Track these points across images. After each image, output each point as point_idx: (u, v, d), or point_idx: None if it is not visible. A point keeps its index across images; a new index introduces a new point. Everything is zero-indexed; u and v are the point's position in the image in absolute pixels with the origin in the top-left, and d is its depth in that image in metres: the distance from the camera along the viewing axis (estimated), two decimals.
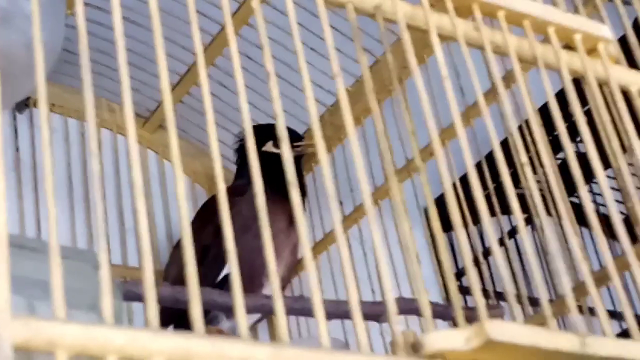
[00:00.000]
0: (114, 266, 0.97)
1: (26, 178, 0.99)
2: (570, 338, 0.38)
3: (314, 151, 1.02)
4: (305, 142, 1.04)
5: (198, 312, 0.32)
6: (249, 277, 0.89)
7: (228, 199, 0.37)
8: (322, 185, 0.98)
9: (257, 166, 0.39)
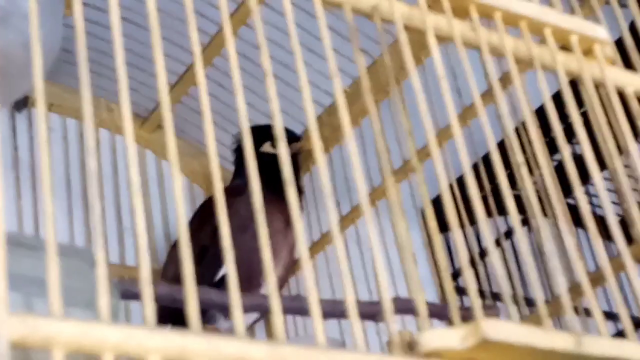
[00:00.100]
0: (112, 265, 0.97)
1: (24, 177, 0.98)
2: (565, 337, 0.39)
3: (310, 149, 1.02)
4: (302, 143, 1.04)
5: (194, 310, 0.32)
6: (247, 277, 0.89)
7: (226, 199, 0.37)
8: (320, 185, 0.98)
9: (255, 166, 0.39)
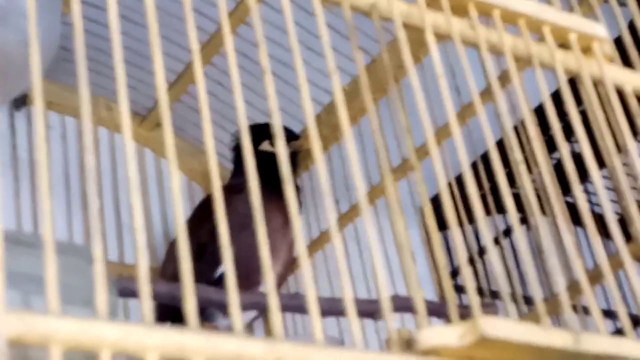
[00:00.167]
0: (111, 263, 0.97)
1: (23, 175, 0.98)
2: (563, 335, 0.39)
3: (309, 148, 1.02)
4: (301, 141, 1.04)
5: (192, 307, 0.32)
6: (246, 275, 0.89)
7: (225, 197, 0.37)
8: (318, 184, 0.98)
9: (253, 165, 0.39)
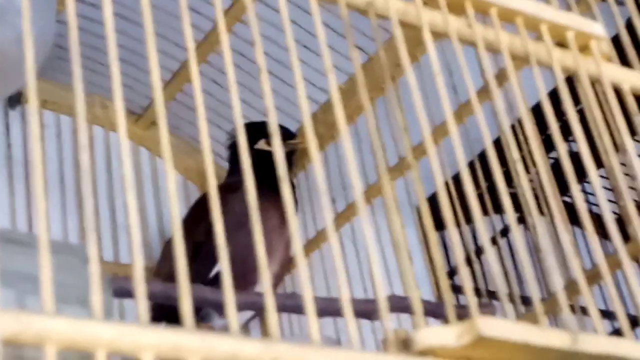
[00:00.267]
0: (106, 263, 0.96)
1: (18, 174, 0.98)
2: (561, 335, 0.38)
3: (305, 146, 1.02)
4: (297, 140, 1.04)
5: (188, 307, 0.32)
6: (242, 275, 0.89)
7: (220, 196, 0.37)
8: (315, 183, 0.97)
9: (249, 163, 0.38)
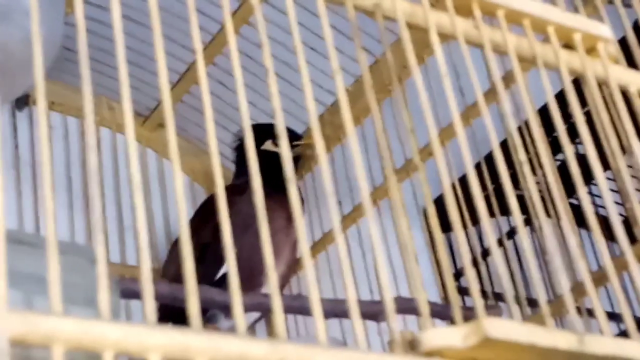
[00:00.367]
0: (113, 264, 0.96)
1: (25, 176, 0.98)
2: (568, 336, 0.38)
3: (312, 152, 1.02)
4: (304, 142, 1.04)
5: (195, 308, 0.32)
6: (249, 276, 0.89)
7: (227, 198, 0.37)
8: (322, 185, 0.97)
9: (256, 165, 0.39)
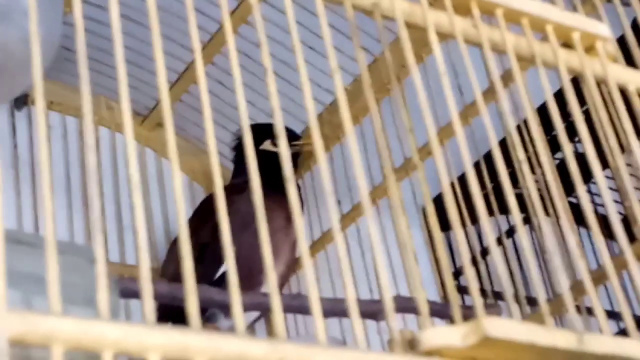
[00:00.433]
0: (112, 264, 0.96)
1: (24, 175, 0.98)
2: (567, 335, 0.38)
3: (311, 149, 1.02)
4: (303, 141, 1.04)
5: (194, 307, 0.32)
6: (248, 275, 0.89)
7: (226, 197, 0.37)
8: (321, 184, 0.97)
9: (255, 164, 0.38)
